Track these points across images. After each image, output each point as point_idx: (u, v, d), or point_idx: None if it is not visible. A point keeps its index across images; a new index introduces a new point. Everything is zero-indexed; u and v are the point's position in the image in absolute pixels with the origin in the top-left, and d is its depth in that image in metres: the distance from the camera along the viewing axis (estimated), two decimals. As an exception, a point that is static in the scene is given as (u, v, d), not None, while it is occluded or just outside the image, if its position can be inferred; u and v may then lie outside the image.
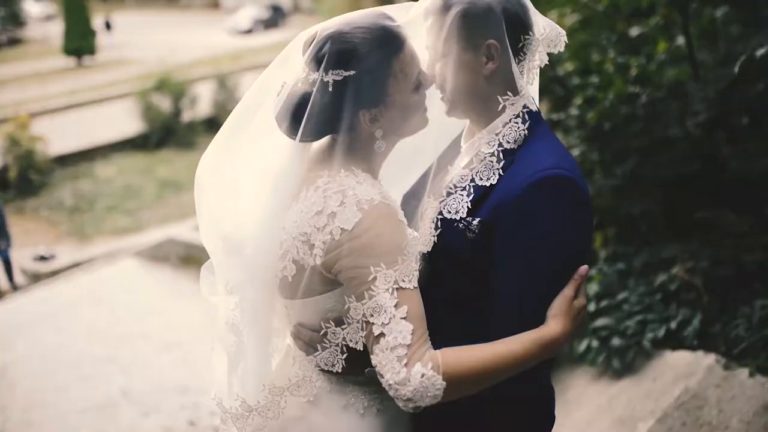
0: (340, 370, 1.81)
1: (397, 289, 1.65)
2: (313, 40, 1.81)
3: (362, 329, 1.70)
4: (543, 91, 5.32)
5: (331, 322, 1.79)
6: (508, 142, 1.79)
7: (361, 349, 1.74)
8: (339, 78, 1.74)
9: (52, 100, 24.79)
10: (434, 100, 1.90)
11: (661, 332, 3.98)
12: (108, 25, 39.81)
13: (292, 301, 1.86)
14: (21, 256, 12.30)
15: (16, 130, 16.78)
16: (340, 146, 1.83)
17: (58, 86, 27.59)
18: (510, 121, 1.80)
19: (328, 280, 1.77)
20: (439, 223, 1.83)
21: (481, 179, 1.79)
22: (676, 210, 4.66)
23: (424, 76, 1.86)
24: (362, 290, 1.67)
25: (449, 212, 1.81)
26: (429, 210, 1.88)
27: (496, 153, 1.79)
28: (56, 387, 6.67)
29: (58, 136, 18.54)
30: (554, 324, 1.70)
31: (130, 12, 51.87)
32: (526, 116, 1.80)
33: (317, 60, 1.77)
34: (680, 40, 4.67)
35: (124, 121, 20.18)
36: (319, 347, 1.82)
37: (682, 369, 3.73)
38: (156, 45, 35.08)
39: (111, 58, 33.72)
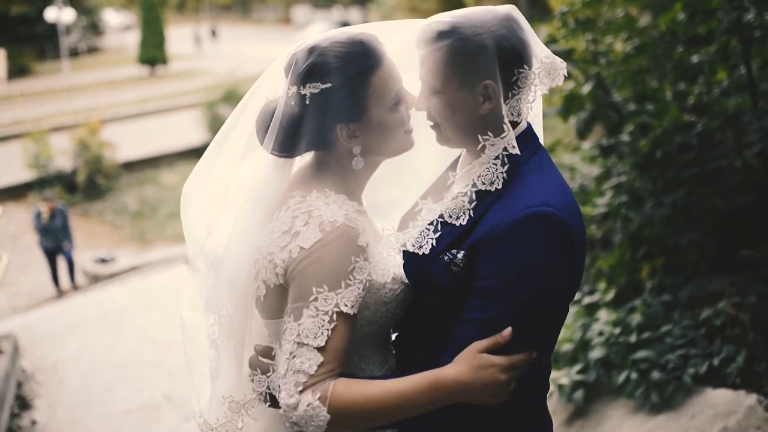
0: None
1: (337, 312, 1.65)
2: (292, 56, 1.81)
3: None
4: (596, 117, 5.24)
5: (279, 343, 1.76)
6: (483, 183, 1.74)
7: None
8: (316, 91, 1.74)
9: (124, 107, 25.56)
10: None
11: (703, 368, 3.86)
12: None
13: (267, 321, 1.86)
14: (83, 257, 12.66)
15: (86, 135, 17.28)
16: (317, 163, 1.83)
17: (130, 94, 28.43)
18: (489, 162, 1.75)
19: None
20: (403, 255, 1.81)
21: (450, 217, 1.75)
22: (726, 242, 4.52)
23: (404, 93, 1.83)
24: (301, 308, 1.67)
25: (413, 246, 1.77)
26: (392, 237, 1.82)
27: (468, 193, 1.75)
28: (103, 387, 6.83)
29: (126, 143, 19.08)
30: (450, 368, 1.65)
31: (205, 24, 53.15)
32: (506, 159, 1.74)
33: (295, 73, 1.77)
34: (743, 69, 4.54)
35: (190, 130, 20.69)
36: (271, 369, 1.81)
37: (723, 407, 3.60)
38: (227, 57, 35.91)
39: (182, 68, 34.59)
